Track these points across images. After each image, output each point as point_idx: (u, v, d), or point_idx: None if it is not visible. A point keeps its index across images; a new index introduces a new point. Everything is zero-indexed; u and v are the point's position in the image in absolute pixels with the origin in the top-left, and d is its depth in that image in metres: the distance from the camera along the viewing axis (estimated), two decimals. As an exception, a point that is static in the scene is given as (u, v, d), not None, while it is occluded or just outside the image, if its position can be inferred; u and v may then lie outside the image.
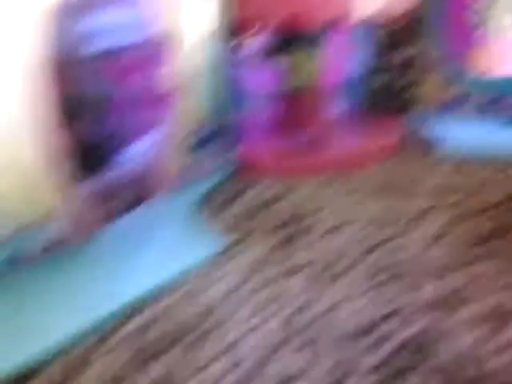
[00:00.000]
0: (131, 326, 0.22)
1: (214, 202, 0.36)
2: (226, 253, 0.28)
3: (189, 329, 0.22)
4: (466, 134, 0.47)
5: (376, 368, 0.19)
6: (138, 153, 0.50)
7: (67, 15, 0.39)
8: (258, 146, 0.45)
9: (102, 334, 0.22)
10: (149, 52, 0.52)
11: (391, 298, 0.23)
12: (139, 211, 0.35)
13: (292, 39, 0.44)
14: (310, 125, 0.48)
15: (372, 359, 0.19)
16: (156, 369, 0.19)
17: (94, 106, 0.43)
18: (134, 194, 0.39)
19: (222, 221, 0.33)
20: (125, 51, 0.47)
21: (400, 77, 0.54)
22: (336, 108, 0.62)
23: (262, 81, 0.71)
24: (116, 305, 0.24)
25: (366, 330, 0.21)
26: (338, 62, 0.61)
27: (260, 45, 0.50)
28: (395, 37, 0.53)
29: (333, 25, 0.42)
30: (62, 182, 0.28)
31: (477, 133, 0.48)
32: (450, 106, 0.53)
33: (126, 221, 0.34)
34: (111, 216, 0.34)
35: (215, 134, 0.40)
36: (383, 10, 0.41)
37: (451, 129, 0.49)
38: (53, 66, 0.42)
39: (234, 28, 0.41)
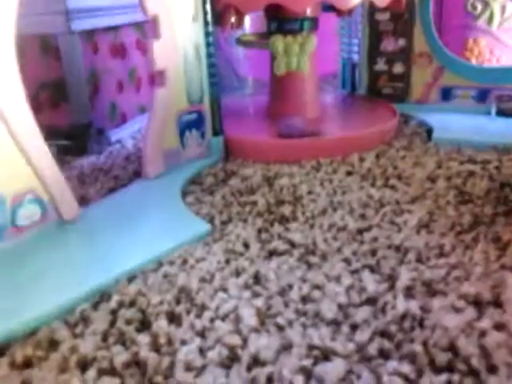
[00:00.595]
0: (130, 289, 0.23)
1: (201, 185, 0.36)
2: (211, 234, 0.29)
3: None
4: (458, 123, 0.47)
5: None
6: (128, 133, 0.50)
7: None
8: (247, 130, 0.45)
9: (96, 300, 0.23)
10: (139, 33, 0.51)
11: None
12: (130, 191, 0.35)
13: (285, 23, 0.44)
14: (303, 109, 0.48)
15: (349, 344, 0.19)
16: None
17: (83, 87, 0.43)
18: (126, 174, 0.39)
19: (208, 204, 0.33)
20: (115, 31, 0.47)
21: (394, 65, 0.54)
22: (330, 93, 0.62)
23: (253, 64, 0.71)
24: (109, 275, 0.25)
25: (343, 316, 0.21)
26: (331, 48, 0.61)
27: (251, 29, 0.49)
28: (388, 26, 0.54)
29: (325, 10, 0.42)
30: (52, 159, 0.29)
31: (469, 122, 0.48)
32: (444, 94, 0.54)
33: (118, 199, 0.34)
34: (101, 195, 0.36)
35: (202, 118, 0.40)
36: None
37: (445, 117, 0.49)
38: (40, 44, 0.42)
39: (221, 13, 0.41)
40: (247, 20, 0.49)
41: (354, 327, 0.20)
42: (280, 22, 0.45)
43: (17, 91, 0.26)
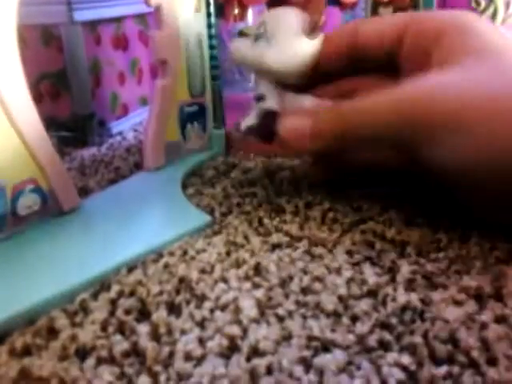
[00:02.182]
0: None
1: (202, 178, 0.36)
2: (212, 226, 0.29)
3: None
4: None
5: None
6: (130, 125, 0.50)
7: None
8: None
9: (95, 290, 0.23)
10: (141, 25, 0.51)
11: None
12: (130, 183, 0.35)
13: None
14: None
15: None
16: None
17: (85, 78, 0.43)
18: (127, 165, 0.39)
19: (209, 196, 0.33)
20: (118, 22, 0.47)
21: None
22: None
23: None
24: (109, 264, 0.25)
25: (343, 308, 0.21)
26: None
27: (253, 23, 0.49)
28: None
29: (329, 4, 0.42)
30: (53, 149, 0.29)
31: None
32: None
33: (119, 190, 0.34)
34: (101, 186, 0.36)
35: (204, 110, 0.40)
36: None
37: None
38: (42, 34, 0.42)
39: (224, 5, 0.41)
40: (250, 13, 0.48)
41: (355, 319, 0.20)
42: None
43: (19, 81, 0.26)
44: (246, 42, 0.31)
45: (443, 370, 0.17)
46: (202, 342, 0.19)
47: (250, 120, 0.30)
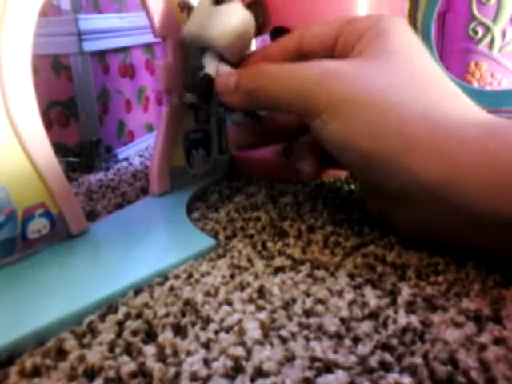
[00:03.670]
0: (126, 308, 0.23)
1: (206, 202, 0.37)
2: (216, 249, 0.29)
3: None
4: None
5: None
6: (136, 151, 0.51)
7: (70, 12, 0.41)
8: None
9: (103, 312, 0.24)
10: (148, 54, 0.53)
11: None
12: (137, 207, 0.36)
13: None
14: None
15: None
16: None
17: (93, 105, 0.44)
18: (133, 190, 0.40)
19: (213, 220, 0.34)
20: (125, 52, 0.49)
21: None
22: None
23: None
24: (116, 287, 0.25)
25: (345, 330, 0.21)
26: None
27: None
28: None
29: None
30: (62, 174, 0.30)
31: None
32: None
33: (125, 215, 0.35)
34: (108, 210, 0.37)
35: (209, 137, 0.41)
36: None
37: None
38: (53, 64, 0.43)
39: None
40: (253, 42, 0.50)
41: (356, 340, 0.21)
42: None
43: (31, 108, 0.27)
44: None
45: (443, 390, 0.18)
46: (207, 363, 0.20)
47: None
